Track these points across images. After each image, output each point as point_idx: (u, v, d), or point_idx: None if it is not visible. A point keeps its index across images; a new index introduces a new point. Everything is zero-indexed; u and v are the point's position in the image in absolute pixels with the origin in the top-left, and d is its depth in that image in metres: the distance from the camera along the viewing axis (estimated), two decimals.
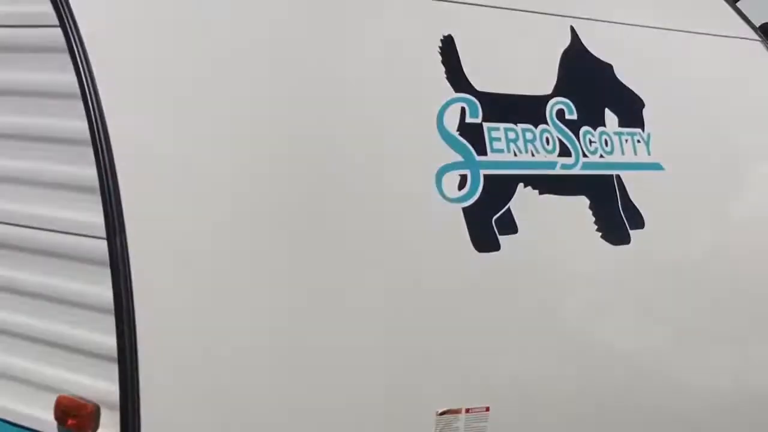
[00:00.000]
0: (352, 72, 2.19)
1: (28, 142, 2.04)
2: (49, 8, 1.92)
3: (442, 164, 2.21)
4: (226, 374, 1.95)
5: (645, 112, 2.60)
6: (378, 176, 2.15)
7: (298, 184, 2.02)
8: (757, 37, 3.01)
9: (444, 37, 2.28)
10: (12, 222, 2.11)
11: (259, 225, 1.98)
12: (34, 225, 2.06)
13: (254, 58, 2.05)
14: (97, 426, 1.97)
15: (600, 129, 2.50)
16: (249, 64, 2.03)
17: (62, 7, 1.91)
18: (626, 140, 2.54)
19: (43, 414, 2.05)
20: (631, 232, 2.50)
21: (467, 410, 2.19)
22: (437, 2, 2.36)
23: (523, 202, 2.32)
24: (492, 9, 2.41)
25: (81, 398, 2.00)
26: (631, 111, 2.60)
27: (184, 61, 1.96)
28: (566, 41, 2.52)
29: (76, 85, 1.88)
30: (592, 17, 2.58)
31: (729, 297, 2.68)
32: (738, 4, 3.20)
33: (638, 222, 2.52)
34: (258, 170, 1.99)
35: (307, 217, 2.03)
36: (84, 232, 1.96)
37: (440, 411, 2.16)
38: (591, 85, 2.56)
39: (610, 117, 2.55)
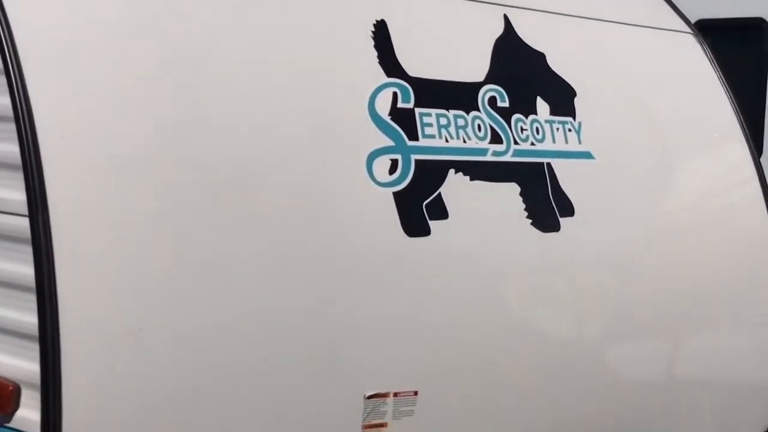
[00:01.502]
0: (283, 55, 2.18)
1: None
2: None
3: (373, 148, 2.22)
4: (151, 354, 1.92)
5: (576, 102, 2.63)
6: (309, 159, 2.14)
7: (226, 165, 2.01)
8: (689, 30, 3.06)
9: (377, 21, 2.28)
10: None
11: (184, 205, 1.97)
12: None
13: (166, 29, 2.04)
14: (17, 406, 1.95)
15: (531, 117, 2.52)
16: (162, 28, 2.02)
17: None
18: (557, 129, 2.56)
19: None
20: (560, 219, 2.52)
21: (395, 394, 2.19)
22: None
23: (454, 187, 2.33)
24: None
25: (1, 378, 1.97)
26: (563, 100, 2.63)
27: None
28: (499, 29, 2.53)
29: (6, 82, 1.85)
30: (526, 6, 2.60)
31: (657, 286, 2.72)
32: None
33: (568, 210, 2.54)
34: (182, 151, 1.97)
35: (234, 200, 2.01)
36: (6, 210, 1.94)
37: (368, 395, 2.16)
38: (523, 74, 2.58)
39: (542, 105, 2.57)
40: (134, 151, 1.92)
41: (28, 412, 1.91)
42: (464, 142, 2.36)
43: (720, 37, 3.34)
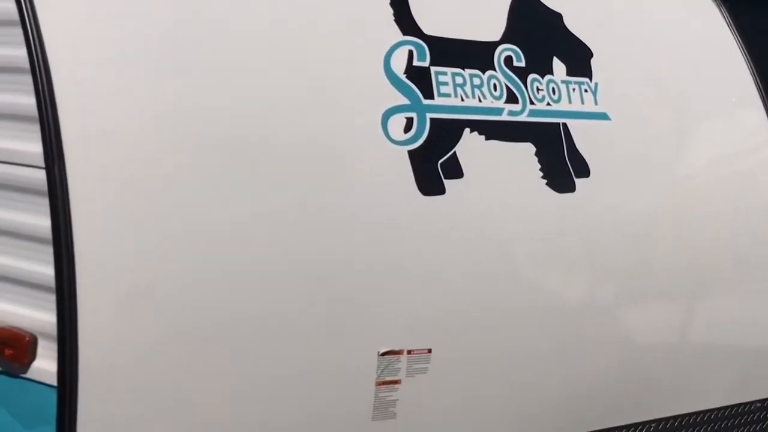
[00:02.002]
0: (299, 14, 2.22)
1: None
2: None
3: (389, 106, 2.25)
4: (164, 305, 1.97)
5: (593, 62, 2.67)
6: (324, 117, 2.18)
7: (242, 124, 2.05)
8: None
9: None
10: None
11: (200, 160, 2.01)
12: None
13: None
14: (33, 357, 2.01)
15: (548, 77, 2.56)
16: None
17: None
18: (573, 89, 2.60)
19: None
20: (576, 180, 2.56)
21: (409, 352, 2.25)
22: None
23: (470, 147, 2.36)
24: None
25: (18, 329, 2.03)
26: (580, 60, 2.67)
27: None
28: None
29: (17, 12, 1.89)
30: None
31: (671, 247, 2.78)
32: None
33: (584, 171, 2.60)
34: (198, 108, 2.01)
35: (250, 158, 2.06)
36: (23, 162, 1.99)
37: (382, 352, 2.21)
38: (540, 34, 2.62)
39: (558, 65, 2.61)
40: (151, 105, 1.96)
41: (45, 363, 1.97)
42: (480, 101, 2.39)
43: (741, 1, 3.36)
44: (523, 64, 2.52)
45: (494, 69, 2.45)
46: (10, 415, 2.11)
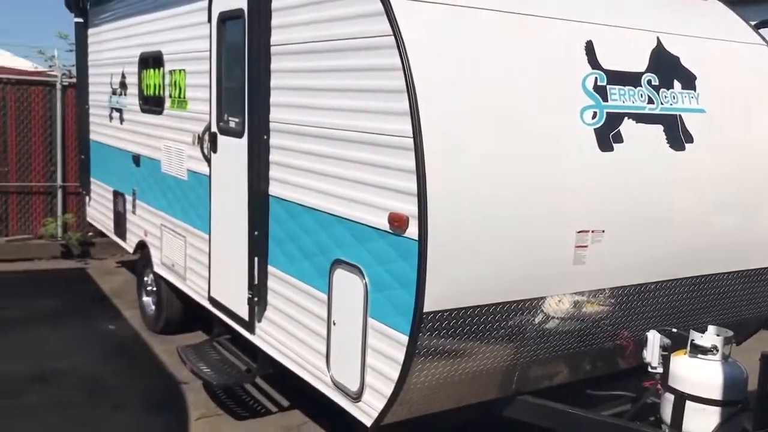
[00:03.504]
0: (540, 57, 3.94)
1: (363, 93, 3.81)
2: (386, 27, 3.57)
3: (584, 105, 3.99)
4: (479, 203, 3.59)
5: (696, 82, 4.41)
6: (549, 113, 3.91)
7: (508, 114, 3.79)
8: (763, 42, 4.82)
9: (587, 41, 4.08)
10: (361, 131, 3.84)
11: (516, 136, 3.73)
12: (376, 132, 3.70)
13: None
14: (408, 226, 3.53)
15: (671, 90, 4.30)
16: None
17: (394, 27, 3.53)
18: (685, 96, 4.34)
19: (382, 221, 3.70)
20: (686, 144, 4.31)
21: (593, 231, 4.00)
22: (578, 23, 4.07)
23: (627, 126, 4.11)
24: (610, 28, 4.23)
25: (401, 213, 3.58)
26: (689, 81, 4.39)
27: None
28: (654, 43, 4.32)
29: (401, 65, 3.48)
30: (668, 32, 4.37)
31: (741, 190, 4.56)
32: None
33: (689, 139, 4.33)
34: (499, 107, 3.80)
35: (514, 135, 3.77)
36: (398, 135, 3.55)
37: (578, 230, 3.96)
38: (667, 67, 4.32)
39: (677, 83, 4.34)
40: (481, 107, 3.64)
41: (413, 229, 3.50)
42: (633, 102, 4.16)
43: None
44: (657, 83, 4.25)
45: (641, 86, 4.20)
46: (394, 252, 3.65)
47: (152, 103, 6.91)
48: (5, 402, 5.60)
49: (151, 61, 6.89)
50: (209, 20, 5.45)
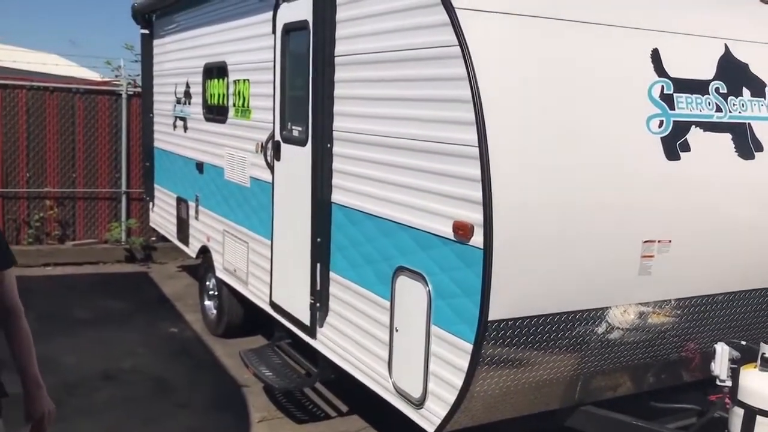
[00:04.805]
0: (609, 66, 3.91)
1: (429, 102, 3.84)
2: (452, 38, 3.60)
3: (650, 114, 3.96)
4: (543, 209, 3.64)
5: (766, 89, 4.33)
6: (617, 122, 3.90)
7: (570, 126, 3.82)
8: None
9: (653, 49, 4.05)
10: (426, 140, 3.89)
11: (573, 138, 3.75)
12: (441, 141, 3.76)
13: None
14: (472, 234, 3.57)
15: (740, 98, 4.24)
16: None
17: (460, 38, 3.57)
18: (754, 104, 4.28)
19: (447, 229, 3.73)
20: (755, 153, 4.24)
21: (659, 241, 3.97)
22: (643, 31, 4.02)
23: (694, 135, 4.07)
24: (677, 35, 4.17)
25: (465, 221, 3.62)
26: (758, 89, 4.32)
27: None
28: (722, 51, 4.26)
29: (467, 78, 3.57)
30: (736, 38, 4.31)
31: None
32: None
33: (759, 148, 4.26)
34: (559, 119, 3.80)
35: (575, 145, 3.78)
36: (463, 143, 3.60)
37: (644, 240, 3.92)
38: (735, 74, 4.26)
39: (746, 91, 4.27)
40: (541, 113, 3.68)
41: (478, 238, 3.52)
42: (700, 111, 4.11)
43: None
44: (725, 91, 4.19)
45: (708, 94, 4.15)
46: (458, 260, 3.69)
47: (216, 112, 7.09)
48: (79, 400, 5.81)
49: (215, 71, 7.07)
50: (273, 31, 5.58)
